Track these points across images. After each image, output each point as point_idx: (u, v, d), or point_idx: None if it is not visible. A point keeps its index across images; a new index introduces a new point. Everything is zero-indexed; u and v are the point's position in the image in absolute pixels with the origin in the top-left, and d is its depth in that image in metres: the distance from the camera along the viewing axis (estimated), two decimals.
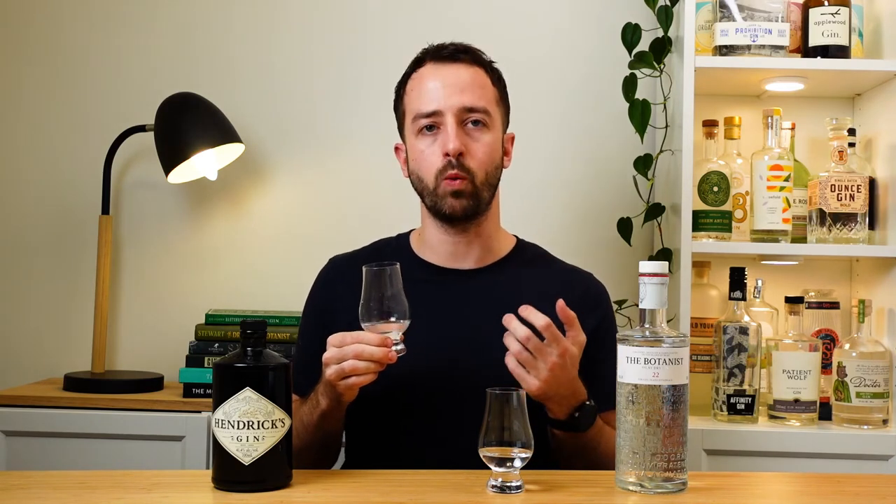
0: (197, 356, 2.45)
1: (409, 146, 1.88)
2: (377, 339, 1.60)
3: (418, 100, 1.85)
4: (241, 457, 1.48)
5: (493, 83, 1.89)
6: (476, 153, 1.83)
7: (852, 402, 2.28)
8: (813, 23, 2.39)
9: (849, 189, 2.33)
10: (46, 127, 2.72)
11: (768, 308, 2.47)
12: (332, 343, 1.64)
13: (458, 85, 1.83)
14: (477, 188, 1.83)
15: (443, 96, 1.83)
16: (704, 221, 2.39)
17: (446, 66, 1.85)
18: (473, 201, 1.83)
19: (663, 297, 1.53)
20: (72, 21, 2.72)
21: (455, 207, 1.83)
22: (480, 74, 1.87)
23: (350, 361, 1.60)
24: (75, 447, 2.32)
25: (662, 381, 1.48)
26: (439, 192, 1.83)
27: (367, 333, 1.61)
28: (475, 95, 1.84)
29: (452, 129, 1.81)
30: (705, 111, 2.47)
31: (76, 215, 2.69)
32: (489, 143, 1.84)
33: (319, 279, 1.98)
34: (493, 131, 1.86)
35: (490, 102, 1.86)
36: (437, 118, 1.83)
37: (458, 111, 1.82)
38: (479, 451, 1.50)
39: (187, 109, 2.49)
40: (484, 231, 1.90)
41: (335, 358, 1.62)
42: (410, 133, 1.87)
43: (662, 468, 1.48)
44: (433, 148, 1.83)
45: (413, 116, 1.86)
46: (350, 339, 1.62)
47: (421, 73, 1.87)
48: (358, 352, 1.60)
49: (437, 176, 1.83)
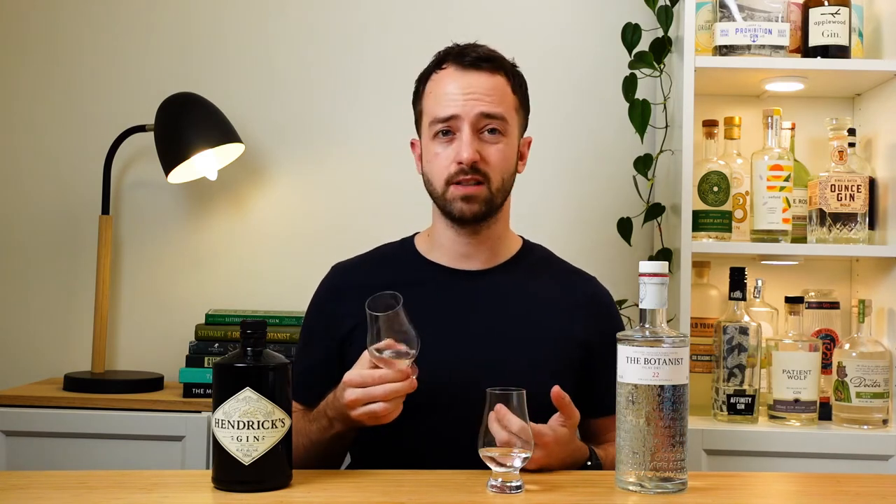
0: (197, 356, 2.45)
1: (424, 147, 1.88)
2: (399, 375, 1.59)
3: (436, 104, 1.84)
4: (241, 457, 1.48)
5: (514, 90, 1.88)
6: (491, 159, 1.82)
7: (852, 402, 2.28)
8: (813, 23, 2.39)
9: (849, 189, 2.33)
10: (46, 127, 2.72)
11: (768, 308, 2.47)
12: (351, 383, 1.61)
13: (477, 92, 1.82)
14: (492, 193, 1.83)
15: (461, 103, 1.82)
16: (704, 221, 2.39)
17: (467, 73, 1.84)
18: (486, 207, 1.83)
19: (663, 297, 1.53)
20: (72, 20, 2.72)
21: (464, 211, 1.83)
22: (501, 82, 1.85)
23: (381, 405, 1.59)
24: (75, 447, 2.32)
25: (662, 381, 1.48)
26: (448, 196, 1.83)
27: (389, 372, 1.59)
28: (493, 103, 1.83)
29: (468, 137, 1.80)
30: (705, 111, 2.47)
31: (76, 215, 2.69)
32: (504, 150, 1.84)
33: (323, 287, 1.96)
34: (508, 138, 1.85)
35: (508, 110, 1.85)
36: (454, 123, 1.82)
37: (475, 118, 1.81)
38: (479, 451, 1.51)
39: (187, 109, 2.50)
40: (494, 233, 1.90)
41: (362, 401, 1.60)
42: (426, 135, 1.87)
43: (662, 468, 1.48)
44: (447, 153, 1.83)
45: (430, 120, 1.85)
46: (372, 381, 1.60)
47: (441, 76, 1.86)
48: (387, 392, 1.58)
49: (446, 181, 1.83)
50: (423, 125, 1.88)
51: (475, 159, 1.80)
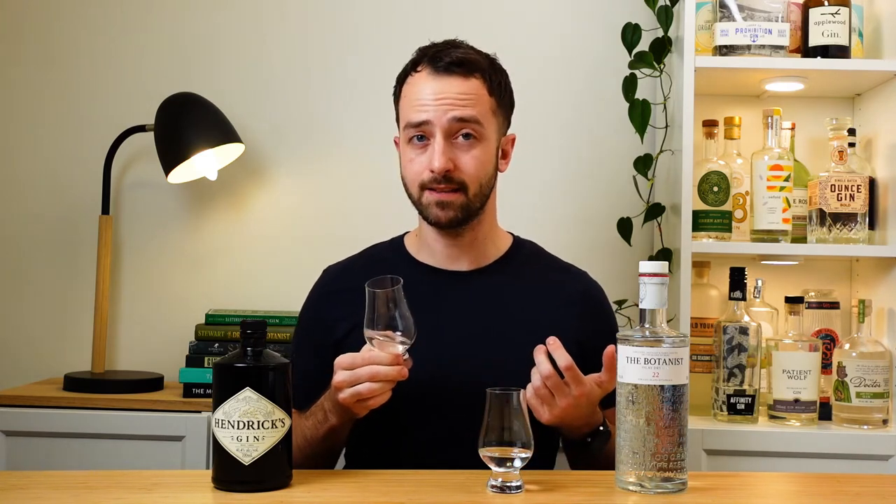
0: (197, 356, 2.45)
1: (402, 149, 1.87)
2: (389, 358, 1.59)
3: (410, 108, 1.83)
4: (241, 457, 1.48)
5: (491, 91, 1.84)
6: (466, 167, 1.80)
7: (852, 403, 2.28)
8: (813, 23, 2.39)
9: (849, 189, 2.33)
10: (46, 127, 2.72)
11: (768, 308, 2.47)
12: (341, 366, 1.62)
13: (450, 97, 1.80)
14: (469, 200, 1.81)
15: (433, 108, 1.80)
16: (704, 221, 2.39)
17: (440, 78, 1.81)
18: (464, 213, 1.82)
19: (663, 297, 1.53)
20: (71, 20, 2.72)
21: (440, 217, 1.82)
22: (476, 85, 1.82)
23: (366, 385, 1.59)
24: (75, 447, 2.32)
25: (662, 381, 1.48)
26: (423, 201, 1.82)
27: (378, 353, 1.59)
28: (467, 107, 1.80)
29: (440, 146, 1.78)
30: (705, 111, 2.47)
31: (76, 215, 2.69)
32: (479, 156, 1.82)
33: (315, 291, 1.95)
34: (484, 142, 1.82)
35: (484, 113, 1.82)
36: (427, 129, 1.80)
37: (447, 124, 1.79)
38: (479, 451, 1.51)
39: (187, 109, 2.50)
40: (478, 236, 1.89)
41: (348, 381, 1.61)
42: (403, 138, 1.86)
43: (662, 468, 1.49)
44: (421, 159, 1.81)
45: (404, 125, 1.84)
46: (361, 361, 1.60)
47: (415, 80, 1.84)
48: (372, 373, 1.59)
49: (420, 187, 1.82)
50: (400, 127, 1.87)
51: (448, 168, 1.78)
